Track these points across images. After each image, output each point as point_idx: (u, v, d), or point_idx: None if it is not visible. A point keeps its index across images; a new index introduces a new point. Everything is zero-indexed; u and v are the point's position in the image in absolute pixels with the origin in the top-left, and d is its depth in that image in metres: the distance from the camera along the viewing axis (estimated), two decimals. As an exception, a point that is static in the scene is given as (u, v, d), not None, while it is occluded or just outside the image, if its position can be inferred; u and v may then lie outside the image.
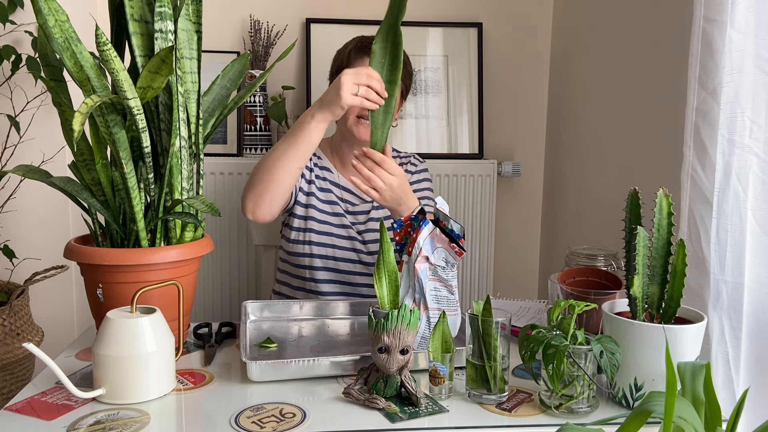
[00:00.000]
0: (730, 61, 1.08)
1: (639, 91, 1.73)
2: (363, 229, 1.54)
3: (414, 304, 1.13)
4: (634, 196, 1.00)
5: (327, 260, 1.50)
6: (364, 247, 1.52)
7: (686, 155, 1.17)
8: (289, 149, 1.31)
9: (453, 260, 1.14)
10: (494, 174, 2.28)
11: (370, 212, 1.56)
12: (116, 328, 0.95)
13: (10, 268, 1.84)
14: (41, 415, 0.93)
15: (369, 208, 1.56)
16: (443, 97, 2.29)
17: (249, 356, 1.10)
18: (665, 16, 1.59)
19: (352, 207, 1.57)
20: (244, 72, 1.29)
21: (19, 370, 1.72)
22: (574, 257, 1.35)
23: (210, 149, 2.16)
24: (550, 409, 0.94)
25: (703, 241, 1.13)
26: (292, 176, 1.34)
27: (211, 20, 2.10)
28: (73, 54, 1.06)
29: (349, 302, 1.35)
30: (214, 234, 2.15)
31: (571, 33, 2.22)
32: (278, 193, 1.34)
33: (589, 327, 1.18)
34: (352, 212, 1.56)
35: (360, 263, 1.52)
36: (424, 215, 1.16)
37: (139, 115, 1.06)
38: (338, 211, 1.54)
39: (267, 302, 1.33)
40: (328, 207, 1.53)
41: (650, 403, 0.57)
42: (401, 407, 0.96)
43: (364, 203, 1.57)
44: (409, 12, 2.36)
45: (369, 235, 1.54)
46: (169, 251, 1.12)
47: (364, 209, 1.57)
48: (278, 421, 0.91)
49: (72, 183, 1.14)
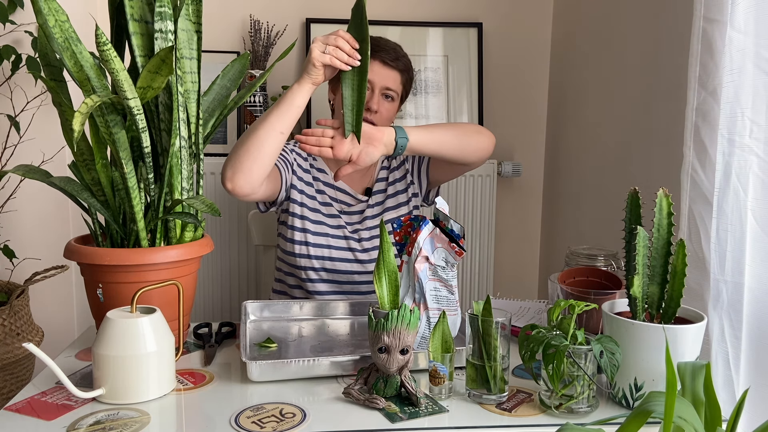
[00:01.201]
0: (730, 61, 1.08)
1: (639, 91, 1.73)
2: (359, 228, 1.54)
3: (414, 304, 1.13)
4: (634, 196, 1.00)
5: (324, 261, 1.50)
6: (359, 245, 1.52)
7: (686, 155, 1.17)
8: (271, 113, 1.30)
9: (453, 260, 1.14)
10: (494, 174, 2.28)
11: (364, 212, 1.56)
12: (116, 328, 0.95)
13: (10, 268, 1.84)
14: (41, 415, 0.93)
15: (363, 208, 1.56)
16: (443, 97, 2.29)
17: (249, 356, 1.10)
18: (665, 16, 1.59)
19: (347, 207, 1.56)
20: (244, 72, 1.29)
21: (19, 370, 1.72)
22: (574, 257, 1.35)
23: (210, 149, 2.16)
24: (550, 409, 0.94)
25: (703, 241, 1.13)
26: (274, 141, 1.29)
27: (211, 20, 2.10)
28: (73, 54, 1.06)
29: (349, 302, 1.35)
30: (214, 234, 2.15)
31: (571, 33, 2.22)
32: (259, 157, 1.28)
33: (589, 327, 1.18)
34: (347, 212, 1.56)
35: (356, 262, 1.52)
36: (424, 216, 1.16)
37: (139, 115, 1.06)
38: (333, 212, 1.53)
39: (267, 302, 1.33)
40: (323, 208, 1.53)
41: (650, 403, 0.57)
42: (401, 407, 0.96)
43: (359, 203, 1.57)
44: (409, 12, 2.35)
45: (365, 234, 1.53)
46: (169, 251, 1.12)
47: (359, 209, 1.56)
48: (278, 421, 0.91)
49: (72, 183, 1.14)
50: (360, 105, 1.26)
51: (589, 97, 2.07)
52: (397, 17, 2.27)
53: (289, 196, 1.50)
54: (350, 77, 1.26)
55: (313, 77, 1.27)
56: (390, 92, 1.49)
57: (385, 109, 1.49)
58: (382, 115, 1.49)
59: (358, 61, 1.25)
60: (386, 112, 1.50)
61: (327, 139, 1.30)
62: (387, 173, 1.60)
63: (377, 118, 1.48)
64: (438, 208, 1.17)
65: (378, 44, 1.49)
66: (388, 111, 1.50)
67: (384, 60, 1.47)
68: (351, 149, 1.30)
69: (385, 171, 1.60)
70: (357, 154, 1.30)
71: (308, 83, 1.28)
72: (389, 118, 1.51)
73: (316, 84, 1.29)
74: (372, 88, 1.47)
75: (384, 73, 1.48)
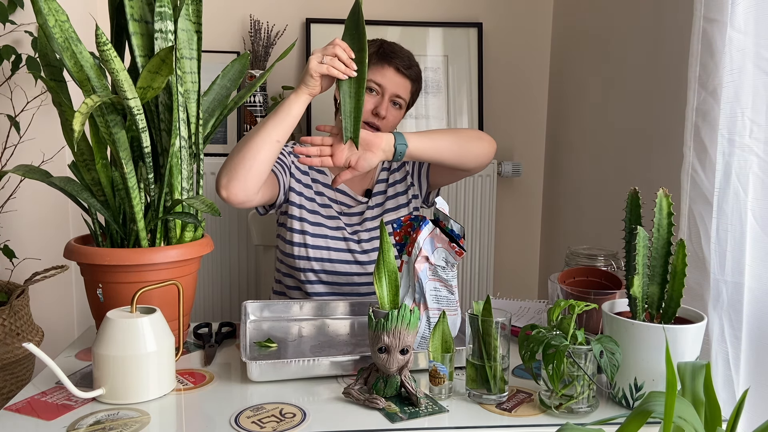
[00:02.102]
0: (730, 61, 1.08)
1: (639, 91, 1.73)
2: (359, 230, 1.54)
3: (414, 304, 1.13)
4: (634, 196, 1.00)
5: (323, 262, 1.50)
6: (359, 246, 1.52)
7: (686, 155, 1.17)
8: (268, 121, 1.29)
9: (453, 260, 1.14)
10: (494, 174, 2.28)
11: (364, 213, 1.55)
12: (116, 328, 0.95)
13: (10, 268, 1.84)
14: (41, 415, 0.93)
15: (363, 209, 1.56)
16: (443, 97, 2.29)
17: (249, 356, 1.10)
18: (665, 16, 1.59)
19: (346, 209, 1.56)
20: (244, 72, 1.29)
21: (19, 370, 1.72)
22: (574, 257, 1.35)
23: (210, 149, 2.16)
24: (550, 409, 0.94)
25: (703, 241, 1.13)
26: (270, 150, 1.28)
27: (211, 20, 2.10)
28: (73, 54, 1.06)
29: (349, 302, 1.35)
30: (214, 234, 2.15)
31: (572, 33, 2.22)
32: (254, 165, 1.27)
33: (589, 327, 1.18)
34: (346, 214, 1.55)
35: (356, 263, 1.52)
36: (424, 216, 1.16)
37: (139, 115, 1.06)
38: (332, 214, 1.53)
39: (267, 302, 1.33)
40: (322, 209, 1.53)
41: (650, 403, 0.57)
42: (401, 407, 0.96)
43: (359, 204, 1.56)
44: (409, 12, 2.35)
45: (364, 235, 1.53)
46: (169, 251, 1.12)
47: (359, 210, 1.56)
48: (278, 421, 0.91)
49: (72, 183, 1.14)
50: (358, 112, 1.26)
51: (589, 98, 2.07)
52: (397, 17, 2.27)
53: (287, 199, 1.50)
54: (348, 85, 1.26)
55: (311, 88, 1.27)
56: (399, 100, 1.50)
57: (392, 115, 1.50)
58: (389, 121, 1.49)
59: (355, 71, 1.25)
60: (392, 119, 1.50)
61: (327, 148, 1.31)
62: (387, 174, 1.60)
63: (383, 124, 1.48)
64: (438, 208, 1.17)
65: (393, 51, 1.50)
66: (394, 117, 1.51)
67: (398, 68, 1.48)
68: (350, 155, 1.31)
69: (385, 172, 1.60)
70: (356, 160, 1.31)
71: (305, 94, 1.28)
72: (394, 125, 1.52)
73: (313, 95, 1.29)
74: (382, 93, 1.48)
75: (396, 80, 1.48)
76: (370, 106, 1.47)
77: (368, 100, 1.47)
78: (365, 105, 1.41)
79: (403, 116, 1.56)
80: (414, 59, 1.54)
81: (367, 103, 1.46)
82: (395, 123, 1.52)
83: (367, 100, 1.46)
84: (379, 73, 1.48)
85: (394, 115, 1.51)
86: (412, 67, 1.51)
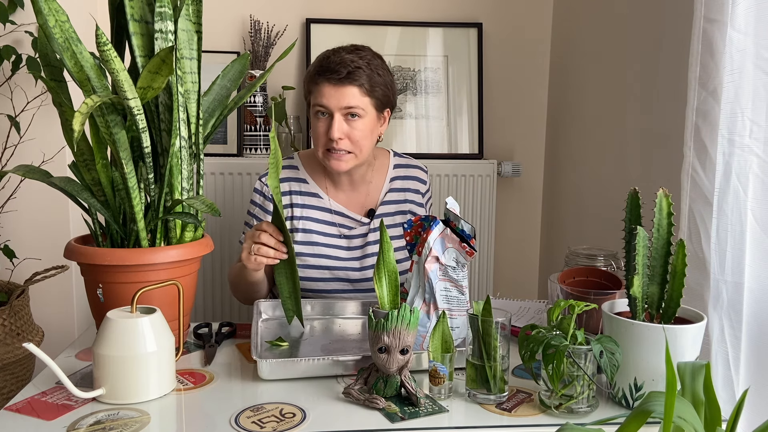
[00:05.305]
0: (730, 61, 1.08)
1: (639, 91, 1.73)
2: (359, 256, 1.47)
3: (424, 305, 1.13)
4: (634, 196, 1.00)
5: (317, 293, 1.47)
6: (359, 274, 1.47)
7: (686, 155, 1.17)
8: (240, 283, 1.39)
9: (464, 260, 1.14)
10: (494, 174, 2.28)
11: (367, 235, 1.48)
12: (116, 328, 0.95)
13: (10, 268, 1.84)
14: (41, 415, 0.93)
15: (366, 231, 1.49)
16: (443, 97, 2.29)
17: (259, 354, 1.11)
18: (665, 16, 1.59)
19: (347, 231, 1.48)
20: (244, 72, 1.29)
21: (19, 370, 1.72)
22: (574, 257, 1.35)
23: (210, 149, 2.16)
24: (550, 409, 0.94)
25: (703, 241, 1.13)
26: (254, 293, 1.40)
27: (211, 20, 2.10)
28: (73, 54, 1.06)
29: (360, 302, 1.36)
30: (214, 234, 2.14)
31: (571, 33, 2.22)
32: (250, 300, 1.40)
33: (589, 327, 1.18)
34: (347, 236, 1.48)
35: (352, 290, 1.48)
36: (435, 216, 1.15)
37: (139, 115, 1.06)
38: (332, 242, 1.47)
39: (278, 301, 1.32)
40: (319, 237, 1.46)
41: (650, 403, 0.57)
42: (401, 407, 0.96)
43: (361, 225, 1.49)
44: (409, 12, 2.35)
45: (367, 261, 1.47)
46: (169, 251, 1.12)
47: (361, 232, 1.48)
48: (278, 421, 0.91)
49: (72, 183, 1.14)
50: (296, 292, 1.24)
51: (589, 97, 2.07)
52: (397, 17, 2.27)
53: None
54: (282, 267, 1.23)
55: (253, 271, 1.30)
56: (354, 110, 1.36)
57: (356, 129, 1.37)
58: (353, 137, 1.37)
59: (285, 253, 1.21)
60: (359, 132, 1.37)
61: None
62: (396, 195, 1.52)
63: (347, 145, 1.37)
64: (449, 208, 1.16)
65: (328, 63, 1.36)
66: (360, 131, 1.37)
67: (330, 79, 1.35)
68: None
69: (394, 193, 1.52)
70: None
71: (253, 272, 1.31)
72: (366, 137, 1.39)
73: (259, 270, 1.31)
74: (330, 112, 1.36)
75: (335, 93, 1.35)
76: (323, 130, 1.38)
77: (320, 123, 1.39)
78: (320, 129, 1.38)
79: (385, 122, 1.45)
80: (357, 61, 1.36)
81: (320, 128, 1.39)
82: (366, 134, 1.39)
83: (320, 124, 1.39)
84: (318, 93, 1.37)
85: (359, 128, 1.37)
86: (351, 72, 1.34)
